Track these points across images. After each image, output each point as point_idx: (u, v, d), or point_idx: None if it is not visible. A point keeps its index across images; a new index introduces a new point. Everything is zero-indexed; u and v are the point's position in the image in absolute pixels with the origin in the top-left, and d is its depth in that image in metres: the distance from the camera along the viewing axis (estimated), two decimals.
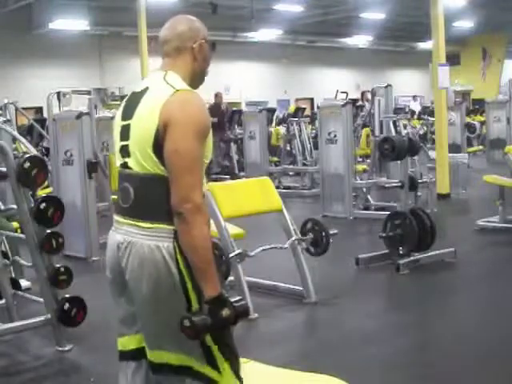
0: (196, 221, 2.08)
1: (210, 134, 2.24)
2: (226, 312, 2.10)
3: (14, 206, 4.13)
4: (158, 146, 2.11)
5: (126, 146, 2.22)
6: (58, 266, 4.11)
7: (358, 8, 18.67)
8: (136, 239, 2.18)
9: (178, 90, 2.18)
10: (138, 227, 2.18)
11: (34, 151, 4.25)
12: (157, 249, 2.14)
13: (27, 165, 3.89)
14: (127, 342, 2.37)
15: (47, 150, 8.41)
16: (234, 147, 13.48)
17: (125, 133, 2.24)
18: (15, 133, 5.63)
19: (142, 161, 2.16)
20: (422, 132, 14.43)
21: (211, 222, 2.53)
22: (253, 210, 5.08)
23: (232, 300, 2.15)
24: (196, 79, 2.39)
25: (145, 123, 2.16)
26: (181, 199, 2.08)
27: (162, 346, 2.25)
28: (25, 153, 4.10)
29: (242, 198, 5.08)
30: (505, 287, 5.33)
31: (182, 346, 2.21)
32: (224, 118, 13.72)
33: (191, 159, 2.11)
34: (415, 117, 16.26)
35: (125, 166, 2.23)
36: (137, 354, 2.36)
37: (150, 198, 2.18)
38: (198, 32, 2.40)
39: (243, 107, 17.91)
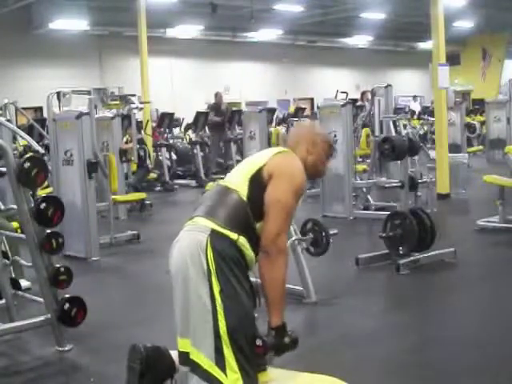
0: (278, 261, 2.57)
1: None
2: (287, 339, 2.57)
3: (14, 206, 4.12)
4: (255, 180, 2.62)
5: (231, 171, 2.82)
6: (57, 265, 4.11)
7: (358, 8, 18.64)
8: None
9: (287, 151, 2.76)
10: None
11: (36, 146, 4.23)
12: (198, 240, 2.58)
13: (27, 165, 3.89)
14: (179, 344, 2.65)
15: (47, 147, 8.41)
16: (234, 147, 13.48)
17: (238, 165, 2.86)
18: (16, 128, 5.62)
19: (235, 180, 2.68)
20: (421, 132, 14.43)
21: None
22: None
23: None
24: (307, 169, 2.78)
25: (253, 159, 2.76)
26: (270, 240, 2.55)
27: (185, 333, 2.56)
28: (25, 147, 4.08)
29: None
30: (505, 287, 5.33)
31: (196, 338, 2.52)
32: (224, 117, 13.72)
33: (288, 210, 2.60)
34: (415, 117, 16.25)
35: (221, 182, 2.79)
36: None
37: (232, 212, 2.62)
38: (312, 133, 2.95)
39: (243, 107, 17.90)
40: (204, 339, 2.50)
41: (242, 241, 2.56)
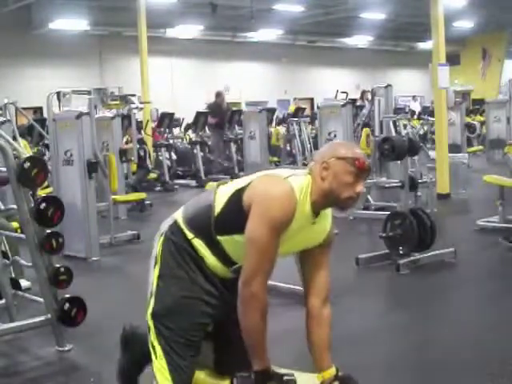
0: (251, 306, 2.37)
1: (290, 227, 2.42)
2: None
3: (14, 206, 4.12)
4: (233, 198, 2.45)
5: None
6: (57, 265, 4.11)
7: (358, 8, 18.66)
8: None
9: (272, 175, 2.47)
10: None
11: (26, 154, 4.23)
12: (160, 229, 2.65)
13: (27, 165, 3.89)
14: None
15: (47, 146, 8.43)
16: (233, 147, 13.48)
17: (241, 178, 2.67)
18: (8, 137, 5.63)
19: (223, 191, 2.53)
20: (421, 132, 14.43)
21: None
22: None
23: (281, 373, 2.46)
24: (322, 197, 2.46)
25: (243, 179, 2.55)
26: (244, 282, 2.37)
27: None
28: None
29: None
30: (505, 287, 5.33)
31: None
32: (225, 117, 13.71)
33: (262, 249, 2.35)
34: (415, 117, 16.25)
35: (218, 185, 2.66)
36: None
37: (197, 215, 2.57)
38: (325, 154, 2.50)
39: (243, 107, 17.90)
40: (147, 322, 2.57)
41: (197, 243, 2.51)
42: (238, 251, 2.47)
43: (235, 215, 2.43)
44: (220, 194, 2.53)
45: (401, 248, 5.90)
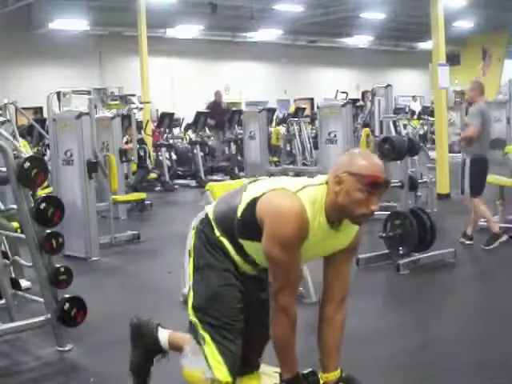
0: (279, 319, 2.44)
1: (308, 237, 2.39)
2: None
3: (14, 206, 4.13)
4: (250, 205, 2.44)
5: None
6: (57, 265, 4.11)
7: (358, 8, 18.64)
8: None
9: (281, 189, 2.40)
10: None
11: (27, 153, 4.23)
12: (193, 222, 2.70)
13: (27, 165, 3.89)
14: None
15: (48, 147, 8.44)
16: (233, 147, 13.48)
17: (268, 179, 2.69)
18: (7, 135, 5.65)
19: (250, 191, 2.51)
20: (421, 132, 14.42)
21: None
22: None
23: (305, 372, 2.56)
24: (336, 210, 2.39)
25: (264, 185, 2.51)
26: (272, 296, 2.44)
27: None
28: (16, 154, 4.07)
29: None
30: (504, 287, 5.33)
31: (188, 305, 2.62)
32: (224, 116, 13.70)
33: (283, 266, 2.37)
34: (415, 117, 16.25)
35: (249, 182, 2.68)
36: None
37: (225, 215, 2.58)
38: (340, 166, 2.38)
39: (243, 107, 17.89)
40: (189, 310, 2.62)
41: (224, 241, 2.54)
42: (260, 255, 2.48)
43: (251, 224, 2.44)
44: (246, 195, 2.52)
45: (401, 248, 5.90)
